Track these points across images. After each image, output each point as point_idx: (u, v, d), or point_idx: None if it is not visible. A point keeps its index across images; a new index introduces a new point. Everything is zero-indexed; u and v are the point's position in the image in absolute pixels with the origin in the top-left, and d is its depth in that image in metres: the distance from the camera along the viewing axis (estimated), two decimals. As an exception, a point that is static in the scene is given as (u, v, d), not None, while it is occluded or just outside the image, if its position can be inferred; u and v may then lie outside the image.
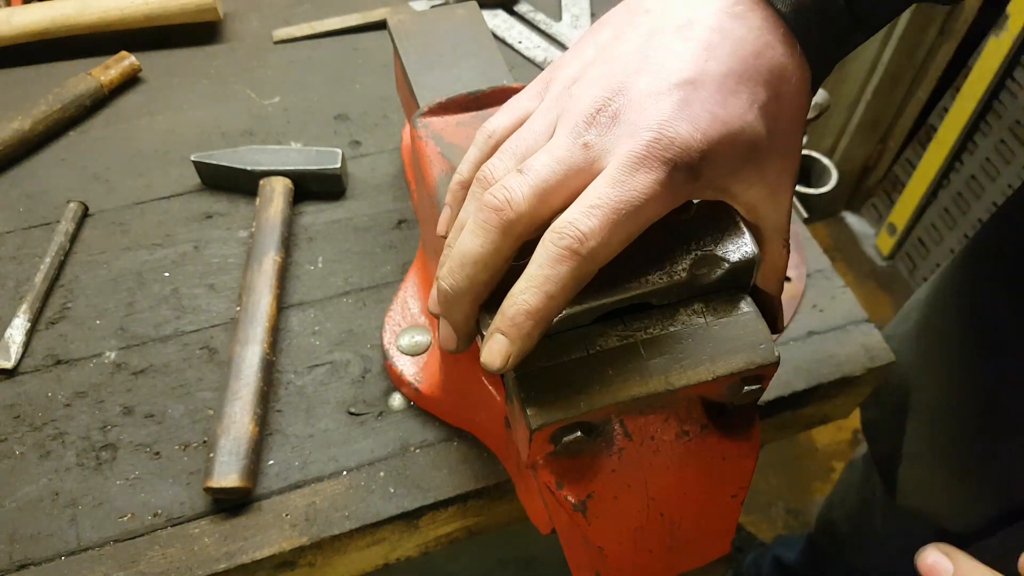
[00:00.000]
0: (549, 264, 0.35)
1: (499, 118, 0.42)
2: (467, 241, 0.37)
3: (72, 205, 0.75)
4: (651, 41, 0.38)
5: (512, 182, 0.36)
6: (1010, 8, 1.42)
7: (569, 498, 0.40)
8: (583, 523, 0.40)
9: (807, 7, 0.37)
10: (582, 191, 0.36)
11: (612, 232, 0.35)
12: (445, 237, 0.43)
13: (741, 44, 0.36)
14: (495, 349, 0.36)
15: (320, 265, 0.73)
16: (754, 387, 0.40)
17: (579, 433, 0.38)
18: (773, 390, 0.66)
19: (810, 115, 0.83)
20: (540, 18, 0.97)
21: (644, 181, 0.35)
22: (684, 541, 0.43)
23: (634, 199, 0.35)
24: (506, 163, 0.39)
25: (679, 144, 0.35)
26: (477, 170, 0.40)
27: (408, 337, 0.64)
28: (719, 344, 0.39)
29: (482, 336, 0.38)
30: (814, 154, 0.83)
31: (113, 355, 0.66)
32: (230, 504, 0.58)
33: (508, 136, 0.41)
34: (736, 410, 0.43)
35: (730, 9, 0.37)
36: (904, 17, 1.56)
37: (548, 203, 0.36)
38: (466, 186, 0.42)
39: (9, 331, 0.66)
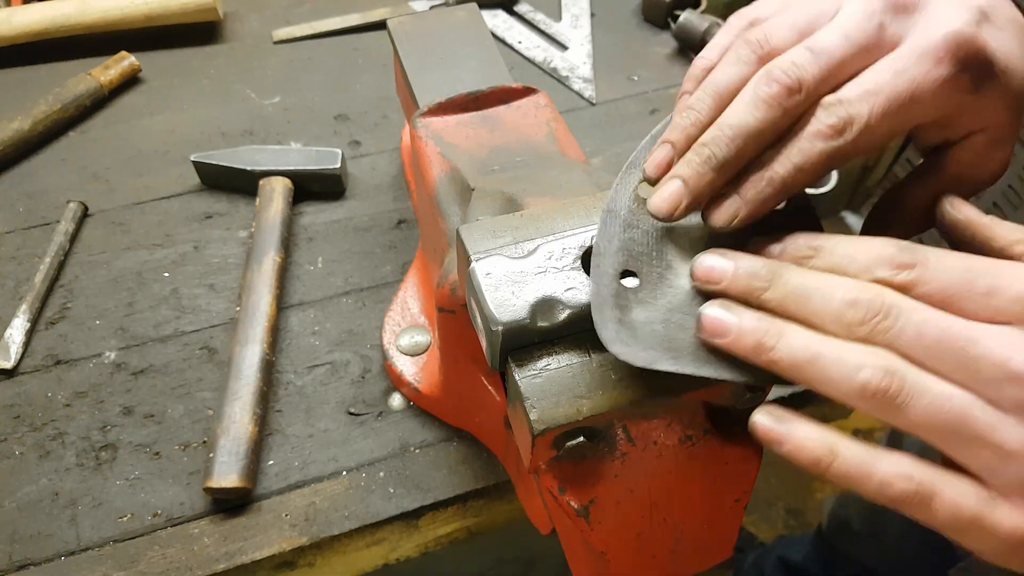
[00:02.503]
0: (809, 138, 0.34)
1: (762, 5, 0.40)
2: (744, 113, 0.35)
3: (72, 205, 0.75)
4: None
5: (801, 58, 0.35)
6: (1010, 8, 1.42)
7: (572, 503, 0.40)
8: (586, 528, 0.40)
9: None
10: (865, 69, 0.35)
11: (880, 121, 0.34)
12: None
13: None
14: (725, 206, 0.36)
15: (320, 265, 0.72)
16: (757, 392, 0.40)
17: (582, 438, 0.38)
18: (773, 391, 0.66)
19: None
20: (540, 18, 0.97)
21: (931, 75, 0.34)
22: (687, 546, 0.43)
23: (914, 91, 0.34)
24: (784, 32, 0.37)
25: (975, 49, 0.34)
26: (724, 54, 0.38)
27: (408, 337, 0.64)
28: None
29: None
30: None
31: (113, 355, 0.66)
32: (230, 504, 0.58)
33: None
34: (739, 414, 0.43)
35: None
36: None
37: (832, 81, 0.35)
38: (708, 70, 0.39)
39: (9, 331, 0.66)
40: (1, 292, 0.70)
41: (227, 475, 0.56)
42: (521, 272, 0.39)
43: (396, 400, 0.64)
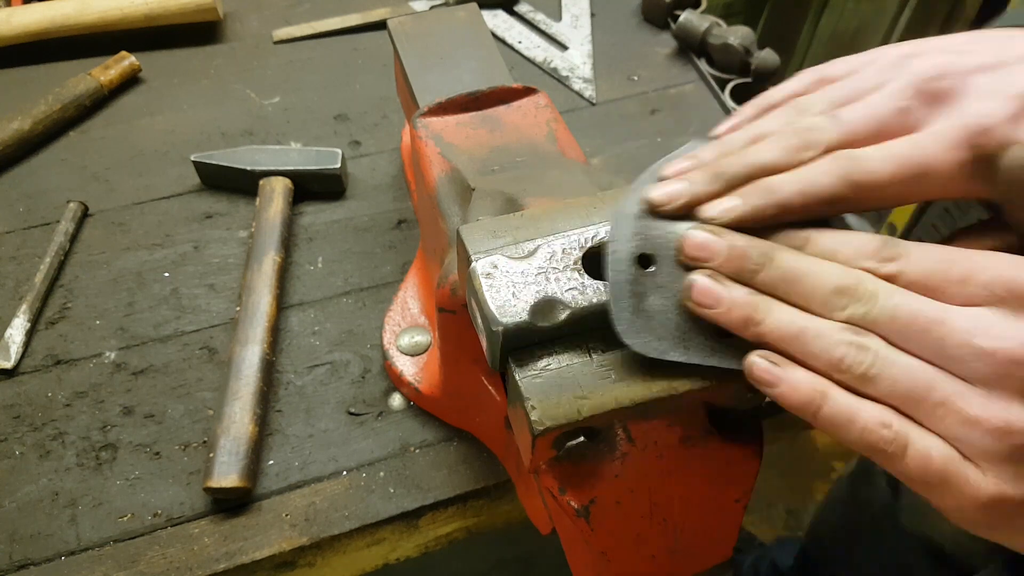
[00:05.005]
0: (822, 173, 0.37)
1: (832, 67, 0.43)
2: (763, 152, 0.38)
3: (72, 205, 0.75)
4: (1003, 52, 0.38)
5: (824, 122, 0.38)
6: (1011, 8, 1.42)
7: (572, 503, 0.40)
8: (586, 528, 0.40)
9: None
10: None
11: (890, 183, 0.36)
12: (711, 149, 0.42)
13: None
14: (724, 201, 0.38)
15: (320, 265, 0.72)
16: (758, 392, 0.40)
17: (582, 438, 0.38)
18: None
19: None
20: (540, 18, 0.97)
21: (946, 156, 0.36)
22: (686, 546, 0.43)
23: (928, 165, 0.36)
24: (821, 103, 0.40)
25: (997, 142, 0.35)
26: (789, 99, 0.42)
27: (408, 337, 0.64)
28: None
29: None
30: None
31: (113, 355, 0.66)
32: (230, 504, 0.58)
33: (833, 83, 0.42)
34: (740, 415, 0.42)
35: None
36: (905, 16, 1.56)
37: (849, 147, 0.38)
38: (768, 107, 0.44)
39: (9, 331, 0.66)
40: (1, 292, 0.70)
41: (227, 475, 0.56)
42: (521, 272, 0.39)
43: (396, 400, 0.64)
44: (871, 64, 0.41)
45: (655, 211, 0.39)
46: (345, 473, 0.60)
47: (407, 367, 0.62)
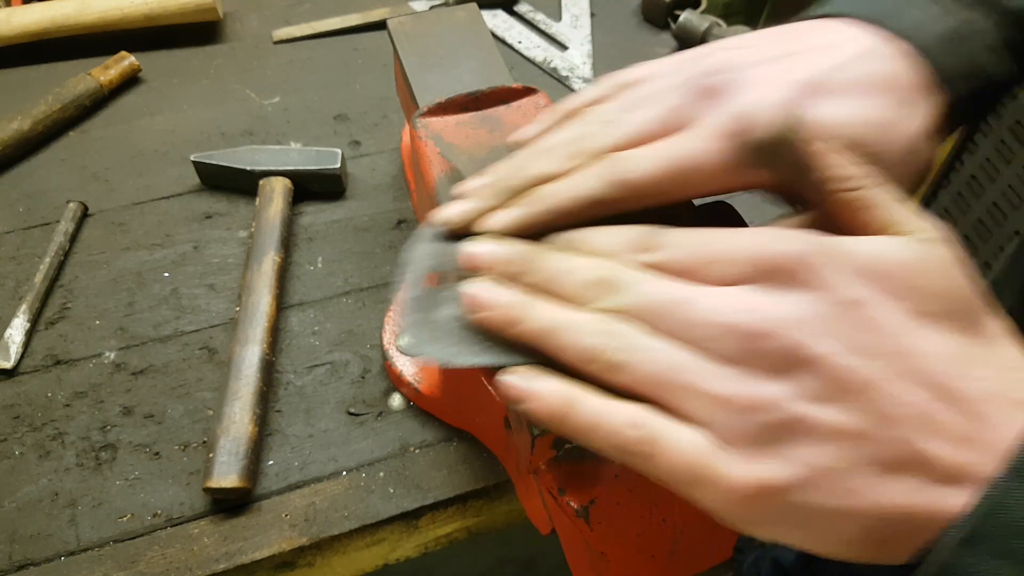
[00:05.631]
0: (589, 177, 0.38)
1: (631, 72, 0.45)
2: (542, 162, 0.40)
3: (72, 205, 0.75)
4: (791, 45, 0.39)
5: (600, 129, 0.40)
6: (1010, 8, 1.42)
7: (571, 504, 0.40)
8: (585, 529, 0.40)
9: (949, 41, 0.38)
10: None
11: (657, 181, 0.37)
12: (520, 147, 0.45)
13: (876, 72, 0.38)
14: (505, 212, 0.39)
15: (320, 265, 0.72)
16: None
17: (582, 439, 0.38)
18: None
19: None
20: (540, 18, 0.97)
21: (711, 148, 0.36)
22: (686, 546, 0.43)
23: (692, 161, 0.37)
24: (612, 109, 0.42)
25: (763, 126, 0.36)
26: (587, 106, 0.44)
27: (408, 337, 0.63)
28: None
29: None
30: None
31: (113, 355, 0.66)
32: (230, 504, 0.58)
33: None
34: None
35: (878, 48, 0.38)
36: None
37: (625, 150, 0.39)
38: (566, 115, 0.45)
39: (9, 331, 0.66)
40: (1, 292, 0.70)
41: (227, 475, 0.56)
42: None
43: (396, 400, 0.64)
44: (667, 67, 0.42)
45: (447, 231, 0.41)
46: (345, 473, 0.60)
47: (407, 367, 0.62)
